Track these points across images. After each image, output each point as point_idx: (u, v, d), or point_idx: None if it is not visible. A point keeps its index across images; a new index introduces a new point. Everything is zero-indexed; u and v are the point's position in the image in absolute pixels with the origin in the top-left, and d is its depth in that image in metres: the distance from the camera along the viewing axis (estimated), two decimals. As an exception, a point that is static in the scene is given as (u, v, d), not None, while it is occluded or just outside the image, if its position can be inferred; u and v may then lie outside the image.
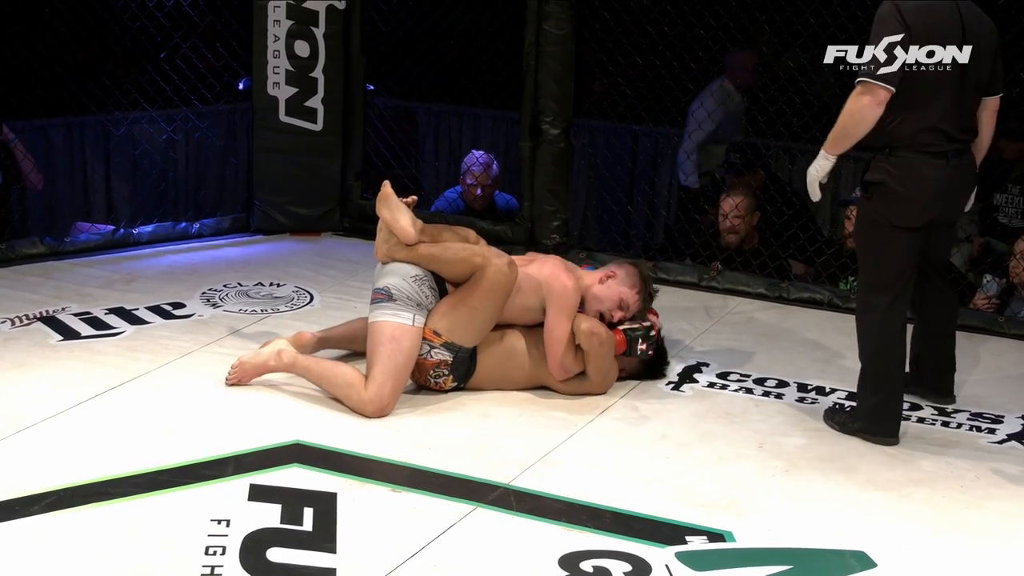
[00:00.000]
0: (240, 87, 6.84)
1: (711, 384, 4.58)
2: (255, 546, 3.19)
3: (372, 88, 6.85)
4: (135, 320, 4.95)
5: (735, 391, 4.53)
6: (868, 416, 4.08)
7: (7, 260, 5.65)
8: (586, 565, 3.21)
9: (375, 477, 3.65)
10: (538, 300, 4.31)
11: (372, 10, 6.44)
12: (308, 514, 3.39)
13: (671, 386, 4.54)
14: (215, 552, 3.15)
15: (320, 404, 4.17)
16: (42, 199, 6.68)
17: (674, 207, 7.22)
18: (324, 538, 3.26)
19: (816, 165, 4.02)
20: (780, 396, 4.50)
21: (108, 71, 6.67)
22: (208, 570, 3.07)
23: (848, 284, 5.66)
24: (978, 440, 4.15)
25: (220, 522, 3.31)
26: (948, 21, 3.87)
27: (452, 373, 4.26)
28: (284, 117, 6.30)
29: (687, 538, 3.37)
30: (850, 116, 3.88)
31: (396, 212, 4.29)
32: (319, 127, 6.35)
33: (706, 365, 4.77)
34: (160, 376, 4.38)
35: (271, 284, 5.55)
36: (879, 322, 4.02)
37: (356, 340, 4.49)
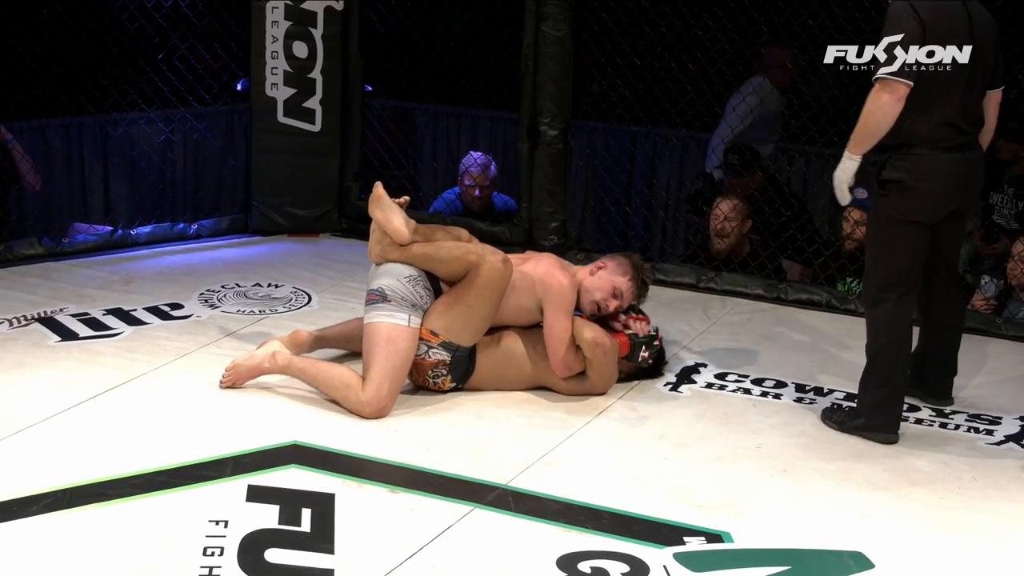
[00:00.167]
0: (238, 88, 6.84)
1: (709, 385, 4.58)
2: (253, 547, 3.19)
3: (370, 89, 6.85)
4: (133, 321, 4.95)
5: (733, 392, 4.53)
6: (870, 413, 4.09)
7: (5, 261, 5.64)
8: (584, 566, 3.20)
9: (373, 478, 3.65)
10: (534, 299, 4.31)
11: (370, 11, 6.44)
12: (306, 515, 3.38)
13: (669, 387, 4.54)
14: (213, 553, 3.15)
15: (318, 405, 4.17)
16: (40, 200, 6.68)
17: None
18: (322, 539, 3.26)
19: (842, 167, 4.03)
20: (778, 396, 4.50)
21: (106, 72, 6.67)
22: (206, 571, 3.06)
23: (846, 285, 5.65)
24: (976, 441, 4.16)
25: (218, 523, 3.31)
26: (958, 18, 3.92)
27: (450, 373, 4.26)
28: (282, 118, 6.30)
29: (685, 539, 3.37)
30: (872, 114, 3.91)
31: (389, 212, 4.28)
32: (317, 128, 6.34)
33: (704, 366, 4.77)
34: (158, 377, 4.38)
35: (269, 285, 5.54)
36: (888, 317, 4.05)
37: (353, 340, 4.48)
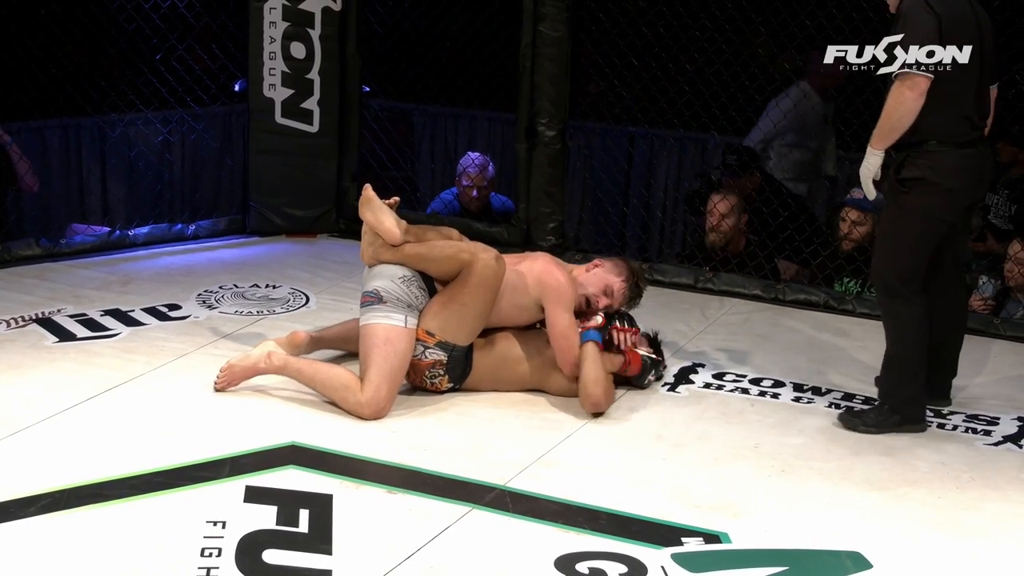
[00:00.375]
0: (236, 89, 6.83)
1: (707, 385, 4.58)
2: (251, 548, 3.18)
3: (368, 90, 6.85)
4: (131, 322, 4.94)
5: (731, 392, 4.53)
6: (906, 407, 4.16)
7: (2, 262, 5.63)
8: (582, 567, 3.20)
9: (371, 479, 3.65)
10: (531, 298, 4.31)
11: (368, 12, 6.43)
12: (304, 516, 3.38)
13: (667, 387, 4.54)
14: (211, 554, 3.15)
15: (316, 406, 4.17)
16: (38, 201, 6.68)
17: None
18: (320, 540, 3.26)
19: (867, 163, 4.08)
20: (776, 396, 4.50)
21: (104, 73, 6.66)
22: (204, 572, 3.06)
23: (843, 286, 5.65)
24: (974, 442, 4.16)
25: (216, 524, 3.30)
26: (967, 14, 3.98)
27: (448, 373, 4.26)
28: (280, 119, 6.29)
29: (683, 539, 3.37)
30: (894, 109, 3.95)
31: (379, 214, 4.28)
32: (315, 129, 6.33)
33: (702, 366, 4.77)
34: (156, 378, 4.38)
35: (267, 286, 5.54)
36: (909, 311, 4.10)
37: (351, 340, 4.47)
